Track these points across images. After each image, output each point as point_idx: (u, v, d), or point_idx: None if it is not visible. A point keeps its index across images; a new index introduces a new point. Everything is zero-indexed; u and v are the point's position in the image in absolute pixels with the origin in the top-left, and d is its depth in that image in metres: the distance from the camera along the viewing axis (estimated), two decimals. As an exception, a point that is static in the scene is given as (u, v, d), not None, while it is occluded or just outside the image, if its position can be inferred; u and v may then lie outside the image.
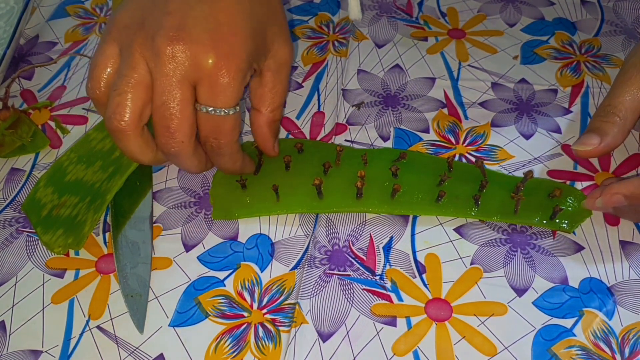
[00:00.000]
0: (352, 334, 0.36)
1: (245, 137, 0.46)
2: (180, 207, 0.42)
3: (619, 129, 0.41)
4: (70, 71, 0.52)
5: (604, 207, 0.39)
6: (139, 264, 0.39)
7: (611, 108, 0.41)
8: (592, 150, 0.41)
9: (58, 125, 0.47)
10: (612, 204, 0.38)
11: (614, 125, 0.41)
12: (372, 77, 0.50)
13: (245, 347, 0.35)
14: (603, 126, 0.41)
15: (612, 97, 0.41)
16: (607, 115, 0.41)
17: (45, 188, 0.43)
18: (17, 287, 0.38)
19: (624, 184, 0.37)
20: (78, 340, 0.36)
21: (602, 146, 0.41)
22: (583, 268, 0.38)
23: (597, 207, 0.39)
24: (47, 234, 0.40)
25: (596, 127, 0.41)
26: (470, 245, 0.39)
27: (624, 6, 0.55)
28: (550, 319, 0.36)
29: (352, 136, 0.46)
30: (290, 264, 0.39)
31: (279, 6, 0.40)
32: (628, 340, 0.35)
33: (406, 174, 0.41)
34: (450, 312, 0.36)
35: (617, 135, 0.41)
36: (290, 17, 0.56)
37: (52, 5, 0.60)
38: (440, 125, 0.46)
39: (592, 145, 0.41)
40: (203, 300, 0.37)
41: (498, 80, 0.49)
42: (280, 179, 0.41)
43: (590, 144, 0.41)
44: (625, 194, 0.37)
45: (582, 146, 0.41)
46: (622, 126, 0.41)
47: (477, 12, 0.56)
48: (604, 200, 0.38)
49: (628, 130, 0.41)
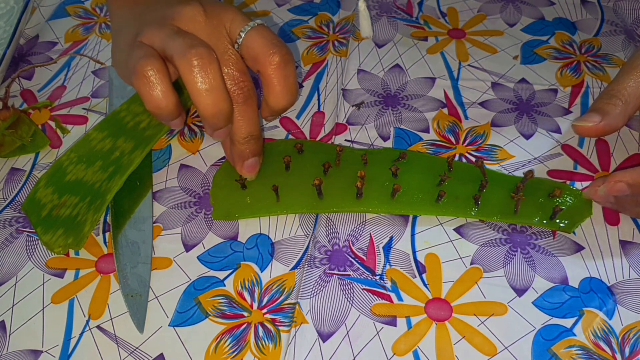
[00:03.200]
0: (352, 334, 0.36)
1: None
2: (180, 207, 0.42)
3: (620, 110, 0.41)
4: (70, 71, 0.52)
5: (606, 196, 0.38)
6: (139, 264, 0.39)
7: (615, 92, 0.42)
8: (592, 127, 0.42)
9: (58, 125, 0.47)
10: (615, 192, 0.37)
11: (615, 107, 0.41)
12: (372, 77, 0.50)
13: (245, 347, 0.35)
14: (605, 107, 0.42)
15: (616, 83, 0.42)
16: (610, 98, 0.42)
17: (45, 188, 0.43)
18: (17, 287, 0.38)
19: (628, 172, 0.37)
20: (78, 340, 0.36)
21: (602, 125, 0.41)
22: (583, 268, 0.38)
23: (599, 196, 0.39)
24: (47, 234, 0.40)
25: (598, 107, 0.42)
26: (470, 245, 0.39)
27: (623, 6, 0.55)
28: (550, 318, 0.36)
29: (352, 136, 0.46)
30: (290, 263, 0.39)
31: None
32: (628, 340, 0.35)
33: (406, 174, 0.41)
34: (450, 312, 0.36)
35: (618, 117, 0.41)
36: (290, 17, 0.56)
37: (52, 5, 0.60)
38: (440, 125, 0.46)
39: (592, 122, 0.41)
40: (203, 300, 0.37)
41: (498, 80, 0.49)
42: (280, 179, 0.41)
43: (590, 121, 0.42)
44: (629, 182, 0.37)
45: (582, 122, 0.42)
46: (623, 109, 0.41)
47: (477, 12, 0.56)
48: (607, 188, 0.38)
49: (629, 115, 0.42)
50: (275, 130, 0.47)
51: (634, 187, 0.37)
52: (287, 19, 0.56)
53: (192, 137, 0.46)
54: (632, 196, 0.38)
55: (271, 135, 0.46)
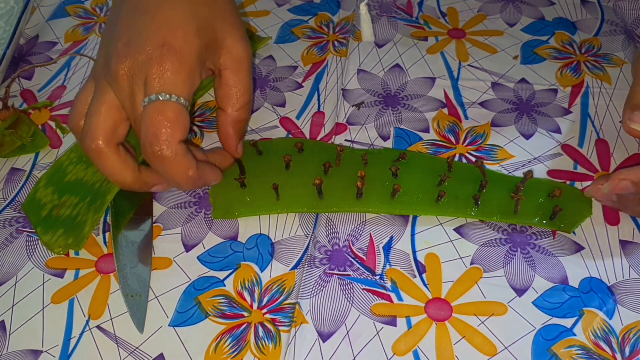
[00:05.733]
0: (352, 334, 0.36)
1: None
2: (180, 207, 0.42)
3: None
4: (70, 71, 0.52)
5: (609, 194, 0.38)
6: (139, 264, 0.39)
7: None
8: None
9: (58, 125, 0.47)
10: (619, 189, 0.37)
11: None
12: (372, 77, 0.50)
13: (245, 347, 0.35)
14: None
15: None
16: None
17: (45, 188, 0.43)
18: (17, 287, 0.38)
19: (633, 170, 0.37)
20: (78, 340, 0.36)
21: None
22: (583, 268, 0.38)
23: (602, 194, 0.38)
24: (47, 234, 0.40)
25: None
26: (470, 245, 0.39)
27: (623, 6, 0.55)
28: (550, 318, 0.36)
29: (352, 136, 0.46)
30: (290, 263, 0.39)
31: (227, 6, 0.40)
32: (628, 340, 0.35)
33: (406, 174, 0.41)
34: (450, 311, 0.36)
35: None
36: (290, 17, 0.56)
37: (52, 5, 0.60)
38: (440, 125, 0.46)
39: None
40: (203, 300, 0.37)
41: (498, 80, 0.49)
42: (281, 178, 0.41)
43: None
44: (633, 179, 0.37)
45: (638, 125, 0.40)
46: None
47: (477, 12, 0.56)
48: (611, 186, 0.37)
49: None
50: (275, 130, 0.47)
51: (638, 185, 0.37)
52: (287, 19, 0.56)
53: (192, 137, 0.46)
54: (635, 194, 0.37)
55: (271, 135, 0.46)
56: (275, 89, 0.50)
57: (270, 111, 0.48)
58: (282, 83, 0.50)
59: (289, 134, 0.46)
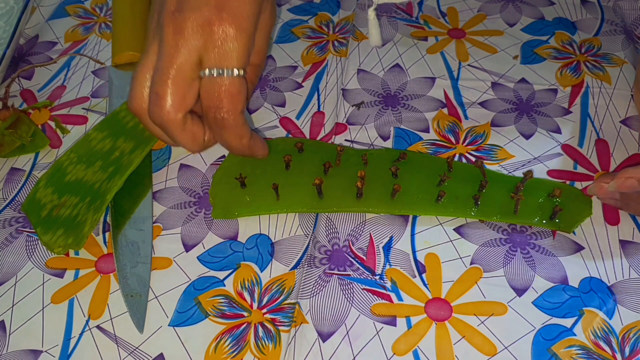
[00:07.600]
0: (352, 334, 0.36)
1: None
2: (180, 207, 0.42)
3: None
4: (70, 71, 0.52)
5: (614, 192, 0.38)
6: (139, 264, 0.39)
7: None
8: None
9: (58, 125, 0.47)
10: (625, 188, 0.37)
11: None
12: (372, 77, 0.50)
13: (245, 347, 0.35)
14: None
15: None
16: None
17: (45, 188, 0.43)
18: (17, 286, 0.38)
19: (639, 168, 0.37)
20: (78, 340, 0.36)
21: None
22: (583, 267, 0.38)
23: (605, 192, 0.38)
24: (47, 234, 0.40)
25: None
26: (470, 245, 0.39)
27: (623, 6, 0.55)
28: (550, 318, 0.36)
29: (352, 136, 0.46)
30: (290, 263, 0.39)
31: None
32: (628, 339, 0.35)
33: (406, 174, 0.41)
34: (450, 311, 0.36)
35: None
36: (291, 17, 0.56)
37: (52, 5, 0.60)
38: (440, 125, 0.46)
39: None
40: (203, 300, 0.37)
41: (498, 80, 0.49)
42: (281, 178, 0.41)
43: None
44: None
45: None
46: None
47: (477, 11, 0.56)
48: (617, 184, 0.37)
49: None
50: (275, 130, 0.47)
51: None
52: (287, 19, 0.56)
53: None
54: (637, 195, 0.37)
55: (271, 135, 0.46)
56: (275, 89, 0.50)
57: (270, 111, 0.48)
58: (282, 83, 0.50)
59: (289, 134, 0.46)
